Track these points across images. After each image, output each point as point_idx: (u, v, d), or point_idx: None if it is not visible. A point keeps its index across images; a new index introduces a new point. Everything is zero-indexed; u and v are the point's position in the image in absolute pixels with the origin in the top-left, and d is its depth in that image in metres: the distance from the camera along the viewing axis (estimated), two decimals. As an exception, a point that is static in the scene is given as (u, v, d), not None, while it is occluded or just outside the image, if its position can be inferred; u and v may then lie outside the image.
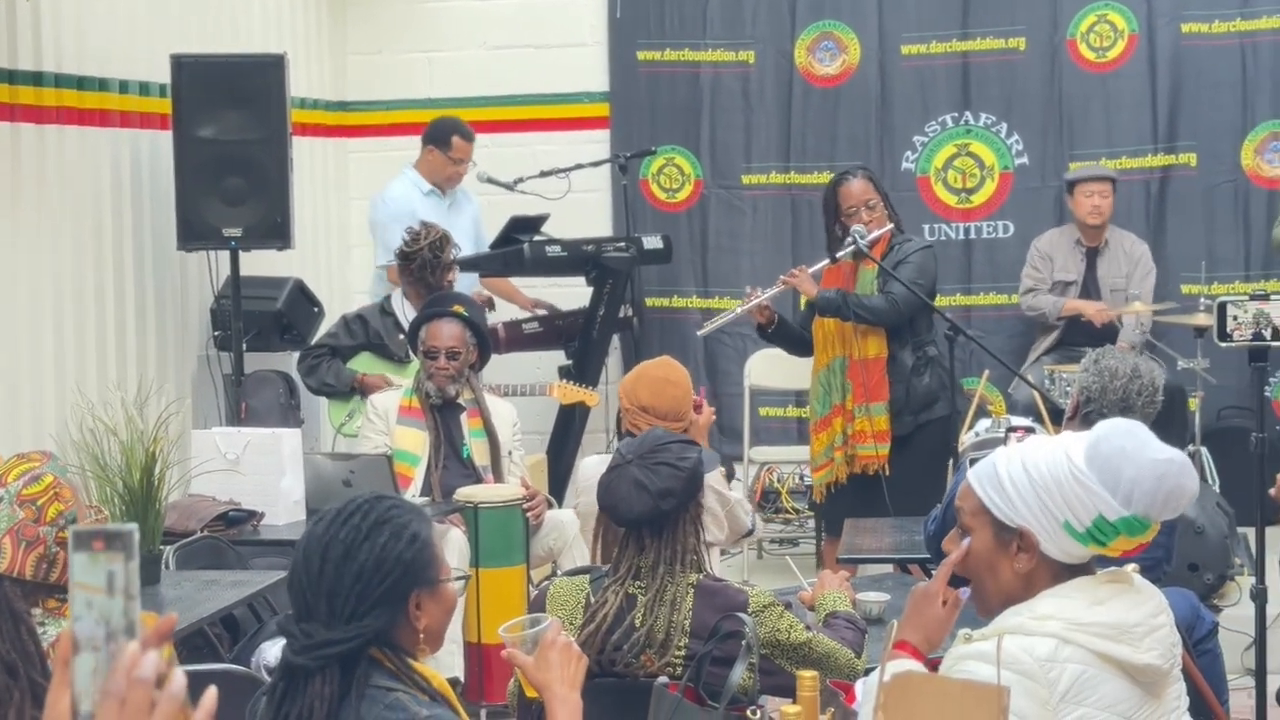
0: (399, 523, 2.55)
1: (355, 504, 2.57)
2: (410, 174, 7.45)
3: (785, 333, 6.43)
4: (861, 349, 6.11)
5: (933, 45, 8.11)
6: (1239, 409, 7.56)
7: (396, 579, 2.51)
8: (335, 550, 2.50)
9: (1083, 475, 2.60)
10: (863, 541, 5.23)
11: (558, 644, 2.78)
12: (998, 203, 8.15)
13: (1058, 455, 2.65)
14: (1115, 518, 2.59)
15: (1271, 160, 7.88)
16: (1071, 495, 2.60)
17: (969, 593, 2.77)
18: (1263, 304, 4.19)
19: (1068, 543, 2.62)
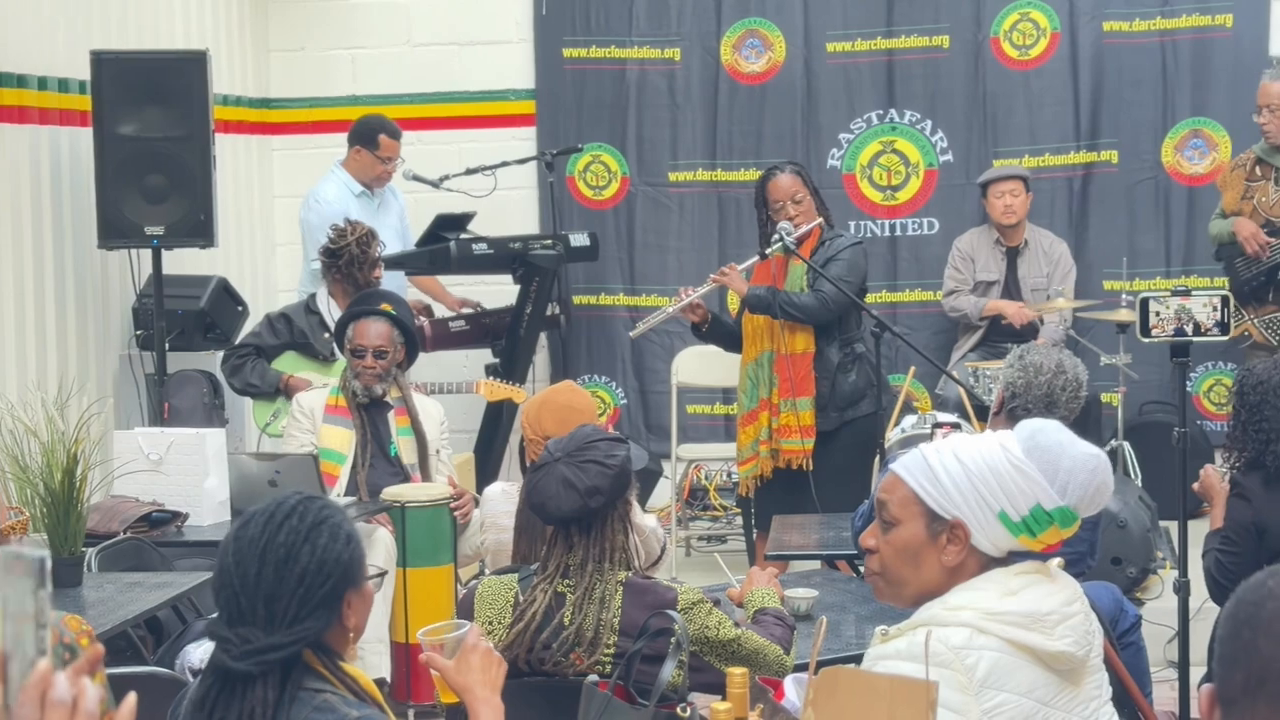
0: (334, 523, 2.52)
1: (288, 505, 2.54)
2: (340, 174, 7.40)
3: (721, 330, 6.46)
4: (789, 344, 6.13)
5: (857, 43, 8.15)
6: (1161, 404, 7.64)
7: (337, 581, 2.48)
8: (275, 553, 2.47)
9: (1023, 465, 2.65)
10: (791, 538, 5.24)
11: (479, 648, 2.77)
12: (923, 200, 8.20)
13: (992, 447, 2.68)
14: (1052, 507, 2.64)
15: (1191, 157, 7.97)
16: (1011, 485, 2.64)
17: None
18: (1184, 300, 4.23)
19: (999, 533, 2.65)
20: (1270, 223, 6.89)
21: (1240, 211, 6.95)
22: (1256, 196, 6.94)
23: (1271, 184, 6.91)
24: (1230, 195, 7.03)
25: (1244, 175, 7.00)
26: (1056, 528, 2.66)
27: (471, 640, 2.78)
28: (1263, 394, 4.42)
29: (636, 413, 8.41)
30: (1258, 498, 4.41)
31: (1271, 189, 6.90)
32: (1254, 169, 6.99)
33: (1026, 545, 2.69)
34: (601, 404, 8.40)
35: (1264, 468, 4.42)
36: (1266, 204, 6.90)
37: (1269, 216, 6.89)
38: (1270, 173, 6.92)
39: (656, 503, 8.01)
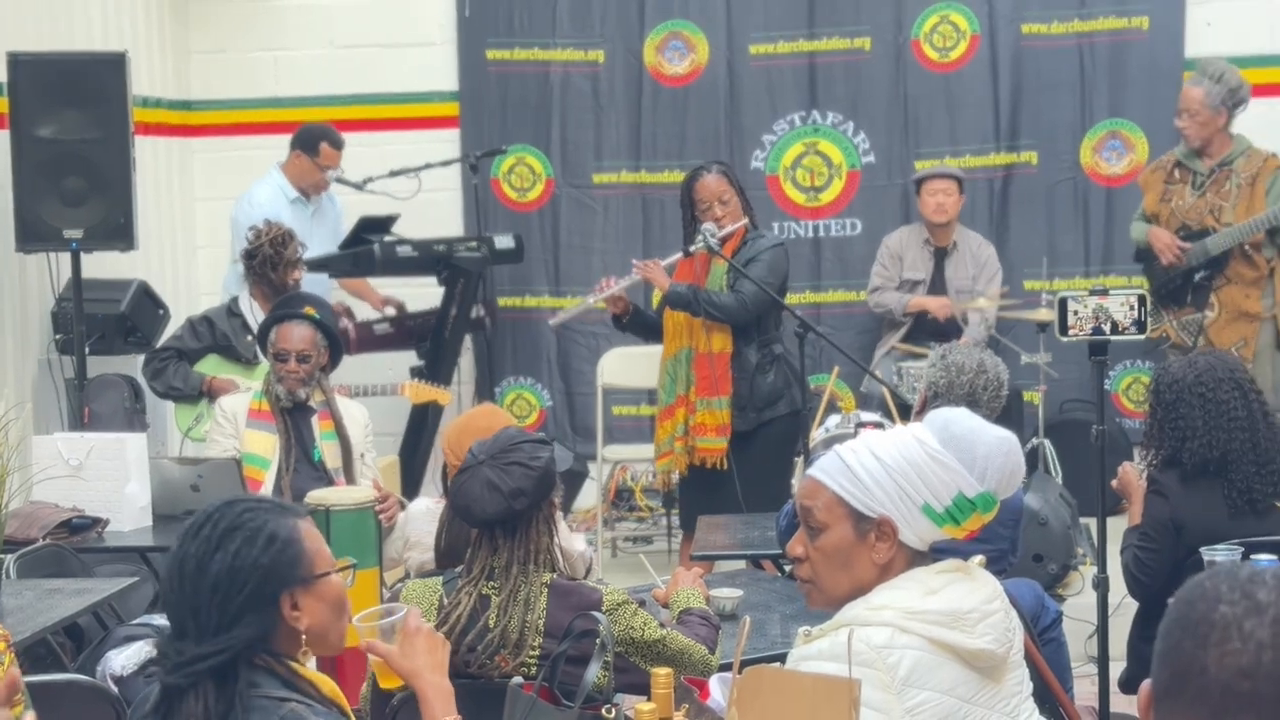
0: (252, 527, 2.49)
1: (205, 514, 2.52)
2: (277, 177, 7.38)
3: (641, 322, 6.48)
4: (708, 343, 6.16)
5: (780, 45, 8.19)
6: (1081, 402, 7.72)
7: (258, 584, 2.46)
8: (189, 566, 2.45)
9: (941, 455, 2.68)
10: (716, 538, 5.26)
11: (422, 630, 2.76)
12: (845, 201, 8.25)
13: (907, 441, 2.71)
14: (974, 494, 2.68)
15: (1109, 158, 8.06)
16: (932, 476, 2.66)
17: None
18: (1102, 299, 4.28)
19: (924, 526, 2.68)
20: (1185, 226, 6.97)
21: (1159, 213, 7.04)
22: (1173, 199, 7.02)
23: (1188, 188, 7.00)
24: (1150, 197, 7.12)
25: (1163, 177, 7.09)
26: (979, 514, 2.71)
27: (413, 624, 2.77)
28: (1178, 392, 4.48)
29: (562, 414, 8.41)
30: (1174, 494, 4.47)
31: (1188, 192, 6.99)
32: (1173, 171, 7.07)
33: (951, 534, 2.72)
34: (527, 406, 8.40)
35: (1180, 465, 4.48)
36: (1183, 208, 6.99)
37: (1184, 220, 6.98)
38: (1188, 176, 7.01)
39: (583, 504, 8.02)
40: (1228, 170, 6.92)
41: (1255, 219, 6.79)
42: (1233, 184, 6.90)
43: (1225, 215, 6.89)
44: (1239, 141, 6.97)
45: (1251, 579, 1.75)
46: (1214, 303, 6.95)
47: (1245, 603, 1.72)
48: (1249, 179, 6.88)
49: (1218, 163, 6.93)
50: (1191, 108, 6.89)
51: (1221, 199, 6.90)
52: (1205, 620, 1.72)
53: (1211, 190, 6.94)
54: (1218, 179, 6.93)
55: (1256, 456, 4.43)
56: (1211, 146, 6.93)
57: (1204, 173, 6.96)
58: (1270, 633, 1.69)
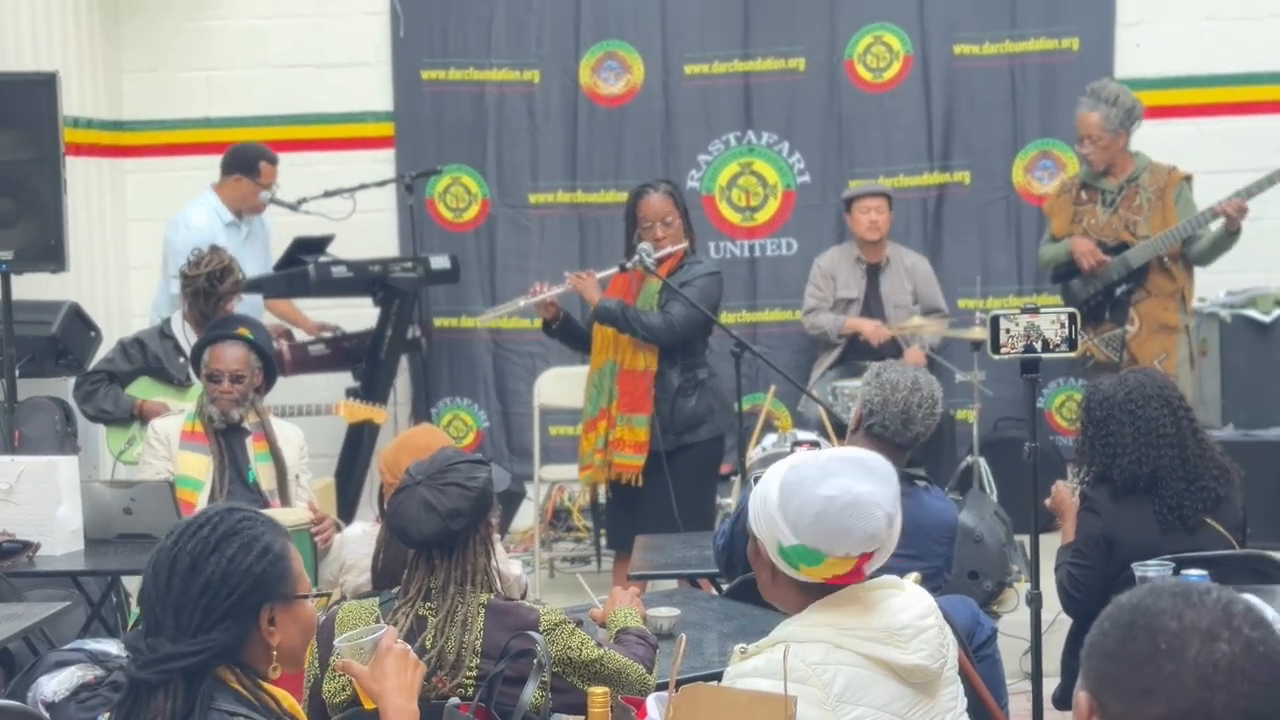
0: (249, 535, 2.50)
1: (205, 516, 2.54)
2: (212, 200, 7.33)
3: (571, 330, 6.48)
4: (632, 359, 6.18)
5: (715, 65, 8.22)
6: (1015, 420, 7.77)
7: (245, 592, 2.46)
8: (182, 563, 2.46)
9: (770, 499, 2.72)
10: (653, 558, 5.26)
11: (393, 651, 2.75)
12: (781, 220, 8.29)
13: (773, 479, 2.75)
14: (789, 544, 2.69)
15: (1041, 178, 8.14)
16: (763, 517, 2.74)
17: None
18: (1033, 317, 4.32)
19: (780, 561, 2.72)
20: (1102, 243, 7.05)
21: (1071, 235, 7.11)
22: (1086, 219, 7.10)
23: (1099, 206, 7.08)
24: (1059, 220, 7.19)
25: (1071, 200, 7.17)
26: (805, 565, 2.70)
27: (385, 644, 2.76)
28: (1109, 409, 4.52)
29: (499, 435, 8.39)
30: (1106, 511, 4.51)
31: (1100, 210, 7.07)
32: (1079, 193, 7.16)
33: (810, 575, 2.73)
34: (464, 426, 8.38)
35: (1111, 481, 4.52)
36: (1097, 226, 7.07)
37: (1100, 238, 7.06)
38: (1097, 195, 7.10)
39: (520, 524, 8.00)
40: (1135, 186, 7.02)
41: (1172, 230, 6.89)
42: (1143, 198, 7.00)
43: (1140, 229, 6.98)
44: (1140, 159, 7.07)
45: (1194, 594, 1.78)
46: (1134, 317, 7.04)
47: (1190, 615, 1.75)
48: (1157, 192, 6.98)
49: (1125, 179, 7.03)
50: (1092, 133, 6.99)
51: (1134, 213, 6.99)
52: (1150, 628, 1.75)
53: (1124, 206, 7.02)
54: (1128, 194, 7.03)
55: (1186, 473, 4.48)
56: (1115, 167, 7.03)
57: (1113, 190, 7.05)
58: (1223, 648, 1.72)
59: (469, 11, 8.28)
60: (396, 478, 4.26)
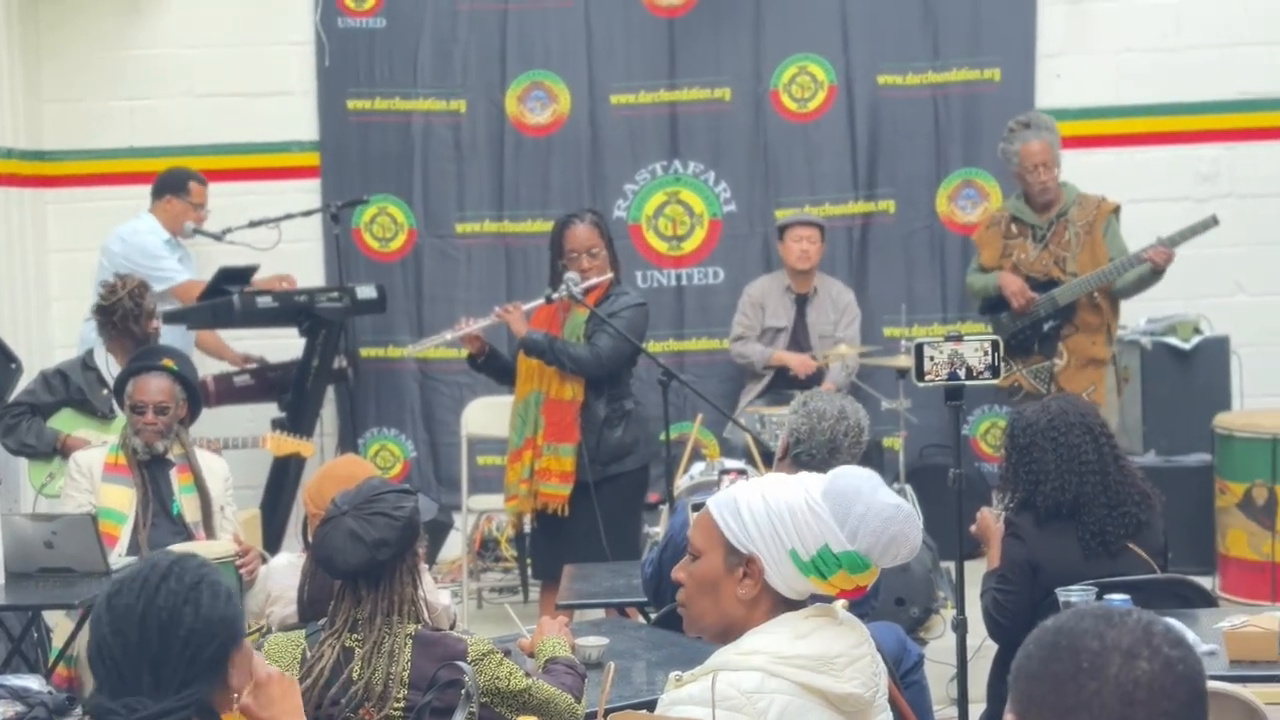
0: (212, 580, 2.48)
1: (163, 566, 2.48)
2: (149, 219, 7.35)
3: (497, 364, 6.48)
4: (558, 389, 6.19)
5: (641, 95, 8.25)
6: (940, 447, 7.83)
7: (223, 640, 2.43)
8: (156, 617, 2.41)
9: (816, 505, 2.69)
10: (581, 587, 5.26)
11: (272, 678, 2.72)
12: (708, 249, 8.32)
13: (796, 487, 2.74)
14: (840, 550, 2.68)
15: (964, 207, 8.21)
16: (803, 523, 2.68)
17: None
18: (957, 345, 4.35)
19: (791, 573, 2.70)
20: (1031, 279, 7.12)
21: (1001, 269, 7.18)
22: (1015, 254, 7.17)
23: (1029, 241, 7.15)
24: (989, 252, 7.26)
25: (1000, 233, 7.23)
26: (845, 572, 2.70)
27: (261, 673, 2.73)
28: (1032, 436, 4.57)
29: (426, 465, 8.36)
30: (1030, 537, 4.55)
31: (1030, 246, 7.14)
32: (1009, 227, 7.22)
33: (819, 588, 2.74)
34: (391, 457, 8.34)
35: (1035, 508, 4.56)
36: (1027, 261, 7.13)
37: (1029, 273, 7.13)
38: (1026, 230, 7.17)
39: (448, 555, 7.97)
40: (1065, 221, 7.09)
41: (1101, 271, 6.97)
42: (1071, 233, 7.07)
43: (1070, 265, 7.05)
44: (1069, 190, 7.16)
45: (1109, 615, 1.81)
46: (1062, 351, 7.11)
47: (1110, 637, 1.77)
48: (1085, 226, 7.06)
49: (1055, 214, 7.10)
50: (1045, 160, 7.06)
51: (1063, 249, 7.07)
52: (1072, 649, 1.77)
53: (1053, 242, 7.10)
54: (1057, 230, 7.10)
55: (1108, 499, 4.53)
56: (1054, 196, 7.11)
57: (1042, 225, 7.12)
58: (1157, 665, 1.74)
59: (395, 41, 8.27)
60: (321, 508, 4.23)
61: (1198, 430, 7.30)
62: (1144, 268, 6.92)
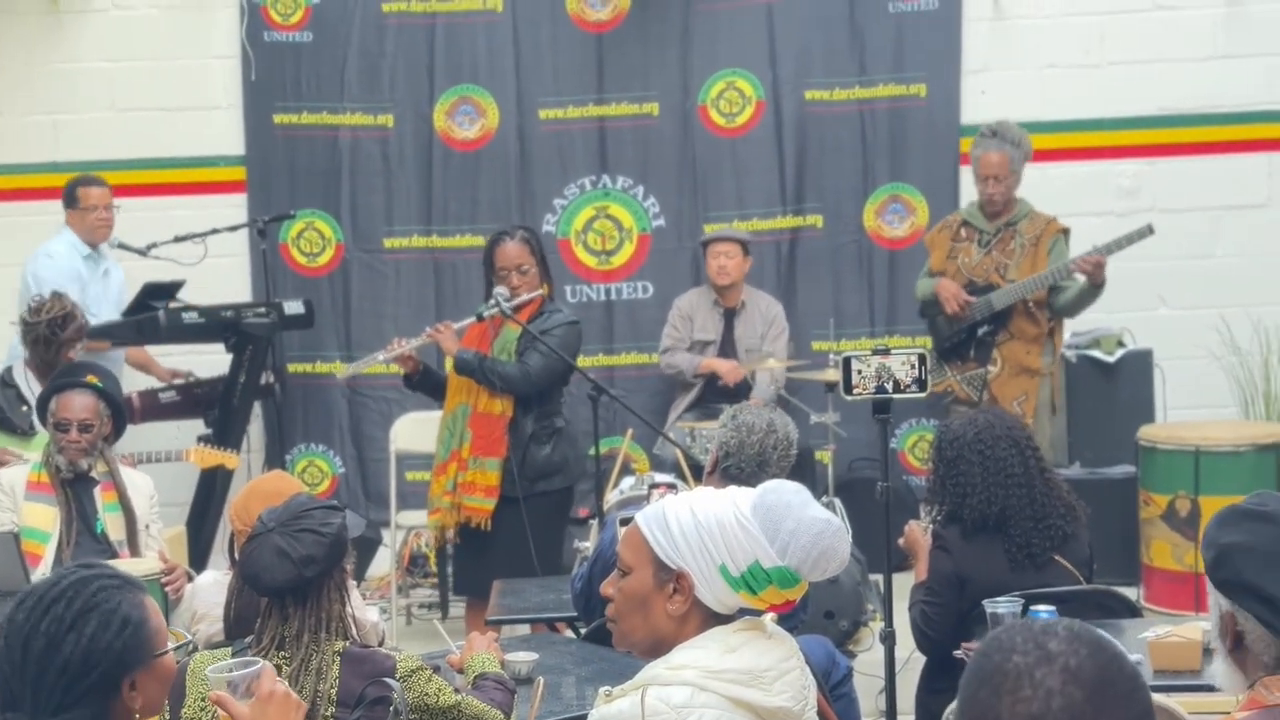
0: (107, 609, 2.42)
1: (60, 587, 2.44)
2: (68, 235, 7.32)
3: (431, 381, 6.48)
4: (487, 403, 6.18)
5: (570, 110, 8.26)
6: (869, 460, 7.86)
7: (106, 670, 2.39)
8: (37, 642, 2.37)
9: (746, 521, 2.70)
10: (510, 602, 5.25)
11: (277, 693, 2.66)
12: (637, 264, 8.33)
13: (725, 502, 2.74)
14: (770, 566, 2.68)
15: (891, 221, 8.27)
16: (733, 539, 2.69)
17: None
18: (884, 358, 4.38)
19: (721, 587, 2.70)
20: (972, 282, 7.18)
21: (945, 270, 7.24)
22: (960, 257, 7.23)
23: (975, 245, 7.21)
24: (937, 255, 7.32)
25: (950, 236, 7.30)
26: (775, 588, 2.71)
27: (267, 685, 2.67)
28: (959, 449, 4.60)
29: (355, 481, 8.32)
30: (957, 549, 4.58)
31: (975, 250, 7.21)
32: (959, 230, 7.28)
33: (749, 603, 2.74)
34: (319, 473, 8.29)
35: (962, 520, 4.59)
36: (969, 264, 7.20)
37: (971, 276, 7.19)
38: (974, 235, 7.23)
39: (376, 571, 7.92)
40: (1012, 230, 7.16)
41: (1038, 276, 7.03)
42: (1017, 243, 7.14)
43: (1010, 273, 7.11)
44: (1022, 204, 7.22)
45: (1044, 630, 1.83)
46: (997, 358, 7.16)
47: (1037, 652, 1.79)
48: (1032, 240, 7.12)
49: (1004, 223, 7.16)
50: (999, 172, 7.10)
51: (1006, 257, 7.13)
52: (1000, 670, 1.79)
53: (997, 249, 7.16)
54: (1003, 238, 7.16)
55: (1034, 511, 4.57)
56: (1004, 207, 7.16)
57: (990, 232, 7.18)
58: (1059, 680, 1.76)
59: (321, 55, 8.24)
60: (247, 525, 4.18)
61: (1122, 443, 7.37)
62: (1082, 283, 6.99)
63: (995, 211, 7.16)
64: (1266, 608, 2.40)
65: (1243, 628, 2.46)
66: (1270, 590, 2.39)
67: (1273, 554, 2.41)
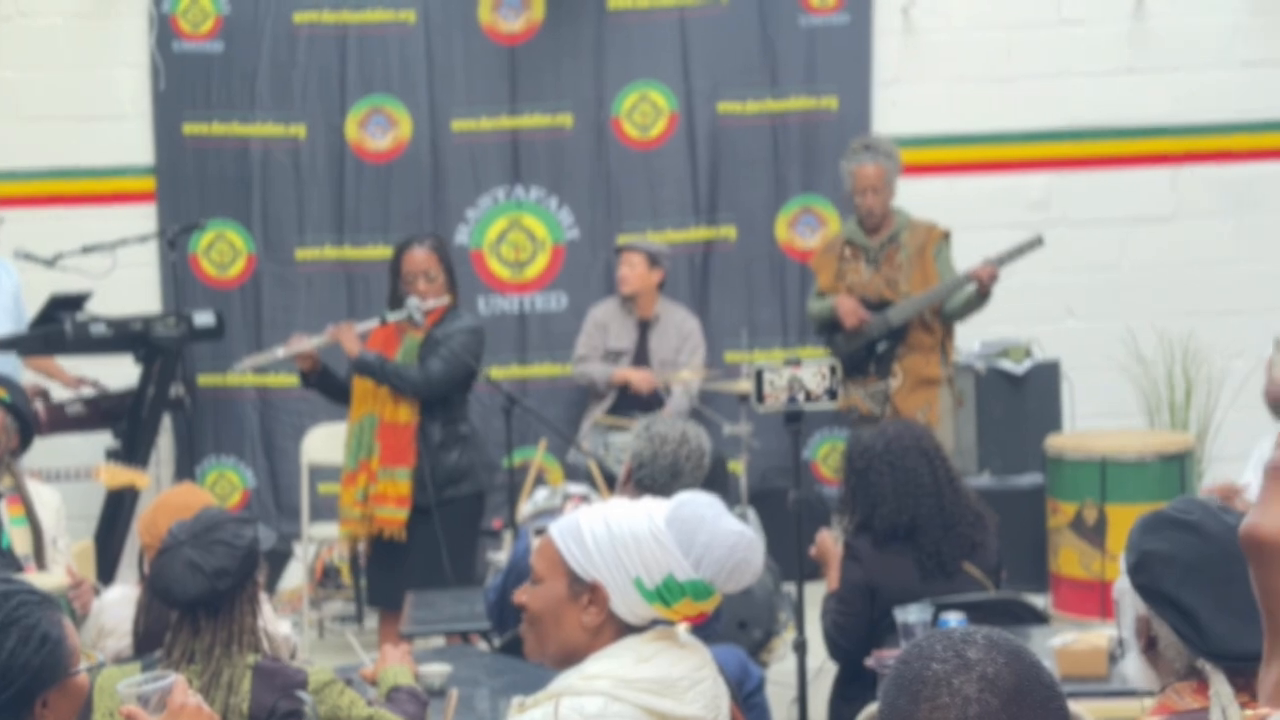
0: (27, 624, 2.39)
1: None
2: None
3: (329, 382, 6.45)
4: (393, 412, 6.17)
5: (483, 121, 8.25)
6: (781, 470, 7.91)
7: (22, 686, 2.36)
8: None
9: (660, 534, 2.70)
10: (423, 614, 5.23)
11: (188, 707, 2.64)
12: (550, 275, 8.33)
13: (640, 514, 2.75)
14: (684, 579, 2.69)
15: (804, 233, 8.32)
16: (647, 552, 2.69)
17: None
18: (796, 370, 4.42)
19: (636, 600, 2.71)
20: (865, 300, 7.23)
21: (835, 291, 7.28)
22: (849, 276, 7.26)
23: (863, 264, 7.26)
24: (824, 276, 7.35)
25: (836, 257, 7.33)
26: (690, 600, 2.72)
27: (179, 698, 2.65)
28: (869, 460, 4.64)
29: (266, 494, 8.26)
30: (868, 559, 4.62)
31: (863, 268, 7.25)
32: (844, 250, 7.32)
33: (663, 614, 2.75)
34: (229, 485, 8.22)
35: (873, 530, 4.63)
36: (860, 283, 7.23)
37: (863, 294, 7.23)
38: (860, 253, 7.27)
39: (288, 584, 7.87)
40: (896, 244, 7.21)
41: (932, 290, 7.08)
42: (903, 256, 7.19)
43: (901, 286, 7.17)
44: (900, 215, 7.27)
45: (964, 638, 1.85)
46: (897, 371, 7.22)
47: (955, 660, 1.81)
48: (917, 250, 7.18)
49: (886, 237, 7.21)
50: (876, 185, 7.15)
51: (895, 271, 7.18)
52: (919, 677, 1.81)
53: (885, 264, 7.21)
54: (889, 252, 7.21)
55: (944, 520, 4.61)
56: (883, 221, 7.21)
57: (875, 248, 7.23)
58: (976, 688, 1.79)
59: (232, 65, 8.18)
60: (155, 540, 4.13)
61: (1030, 452, 7.46)
62: (971, 290, 7.05)
63: (874, 226, 7.19)
64: (1181, 618, 2.43)
65: (1156, 633, 2.49)
66: (1186, 602, 2.42)
67: (1192, 565, 2.44)
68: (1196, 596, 2.42)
